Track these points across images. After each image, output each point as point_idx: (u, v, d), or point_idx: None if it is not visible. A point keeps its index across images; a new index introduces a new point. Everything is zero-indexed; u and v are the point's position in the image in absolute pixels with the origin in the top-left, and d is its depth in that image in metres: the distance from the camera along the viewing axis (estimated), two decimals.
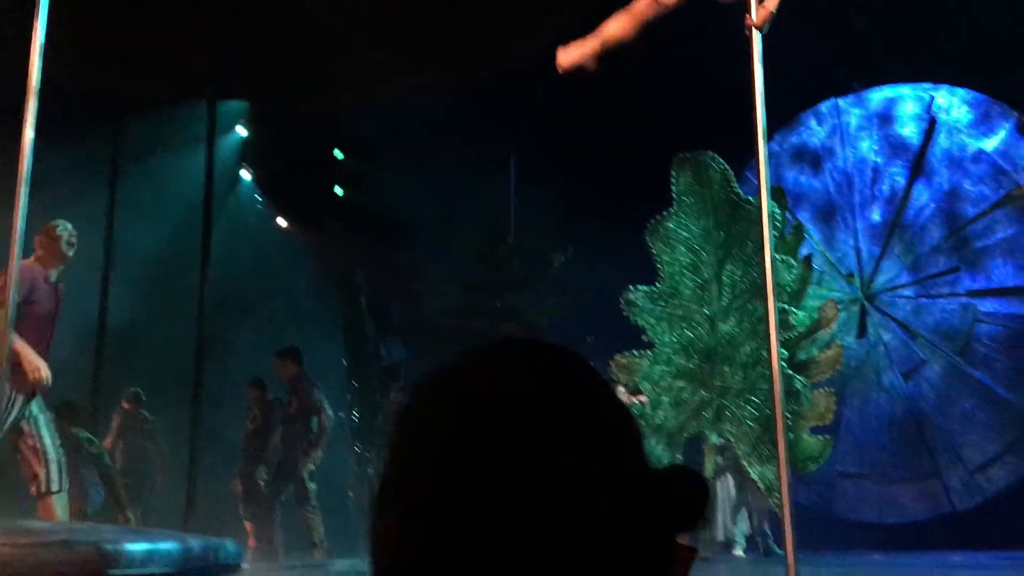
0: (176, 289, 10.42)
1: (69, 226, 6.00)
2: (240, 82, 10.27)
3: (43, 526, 4.73)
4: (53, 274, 5.96)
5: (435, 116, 10.35)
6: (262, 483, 9.00)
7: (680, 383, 7.72)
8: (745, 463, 7.62)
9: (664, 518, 0.73)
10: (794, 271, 8.25)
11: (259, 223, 12.80)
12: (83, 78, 8.91)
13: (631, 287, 7.93)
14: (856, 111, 10.85)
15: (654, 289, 7.93)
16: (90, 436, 8.57)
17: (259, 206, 12.97)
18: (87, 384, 9.75)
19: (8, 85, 5.19)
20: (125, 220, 9.91)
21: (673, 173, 8.00)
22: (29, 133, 4.41)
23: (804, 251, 8.48)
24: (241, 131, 12.43)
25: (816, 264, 10.49)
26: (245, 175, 12.76)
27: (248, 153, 12.55)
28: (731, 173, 7.88)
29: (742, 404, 7.60)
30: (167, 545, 4.49)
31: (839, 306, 10.25)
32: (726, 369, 7.65)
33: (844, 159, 10.80)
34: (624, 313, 7.91)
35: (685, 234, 7.89)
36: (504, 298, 11.66)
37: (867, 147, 10.72)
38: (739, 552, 8.69)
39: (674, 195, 7.99)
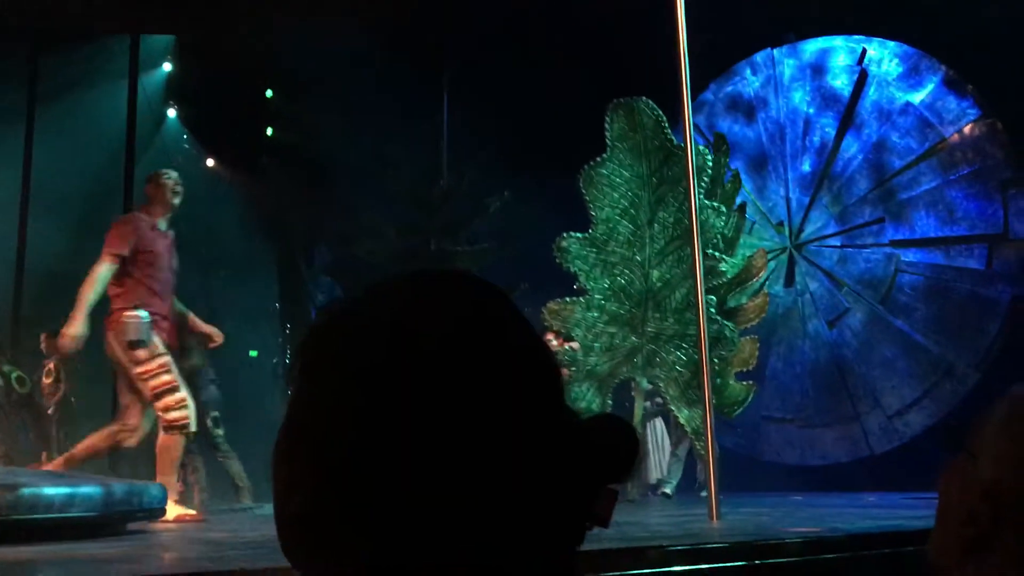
0: (98, 229, 10.10)
1: (174, 174, 5.91)
2: (167, 15, 9.89)
3: None
4: (162, 223, 5.80)
5: (368, 54, 10.13)
6: None
7: (612, 329, 7.78)
8: (673, 407, 7.76)
9: (590, 466, 0.71)
10: (730, 220, 8.34)
11: (186, 163, 12.45)
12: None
13: (564, 234, 7.92)
14: (790, 61, 10.93)
15: (587, 235, 7.93)
16: (20, 374, 8.33)
17: (186, 145, 12.61)
18: (7, 324, 9.44)
19: None
20: (44, 158, 9.55)
21: (607, 118, 7.97)
22: None
23: (739, 200, 8.58)
24: (167, 67, 12.01)
25: (748, 213, 10.64)
26: (171, 113, 12.37)
27: (175, 90, 12.15)
28: (664, 119, 7.89)
29: (672, 350, 7.70)
30: (88, 489, 4.41)
31: (768, 255, 10.46)
32: (657, 315, 7.73)
33: (777, 109, 10.90)
34: (556, 260, 7.91)
35: (618, 180, 7.88)
36: (439, 242, 11.60)
37: (800, 98, 10.83)
38: (668, 491, 8.88)
39: (608, 141, 7.97)
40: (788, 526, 4.50)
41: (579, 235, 7.92)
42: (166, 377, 5.58)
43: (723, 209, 7.89)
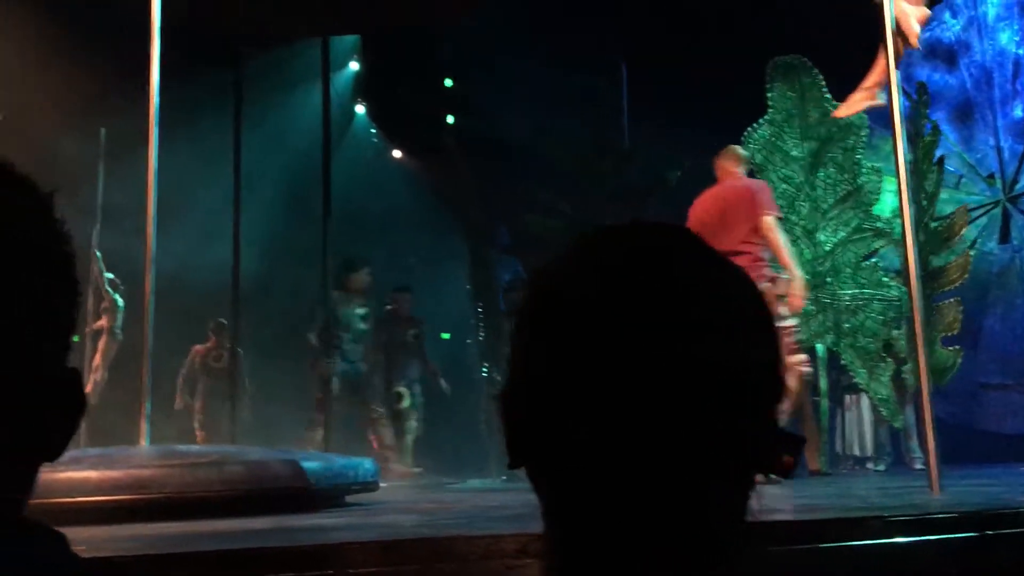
0: (301, 225, 10.72)
1: None
2: (351, 14, 10.33)
3: (196, 449, 5.01)
4: None
5: (542, 33, 10.20)
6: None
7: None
8: (856, 375, 7.48)
9: (757, 403, 0.69)
10: (928, 175, 7.89)
11: (375, 156, 12.98)
12: (203, 19, 9.12)
13: None
14: (995, 0, 10.10)
15: None
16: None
17: (374, 139, 13.14)
18: (229, 320, 10.16)
19: (135, 31, 5.39)
20: (250, 158, 10.22)
21: (767, 79, 7.76)
22: (155, 72, 4.55)
23: (939, 153, 8.07)
24: (354, 65, 12.55)
25: (953, 166, 9.96)
26: (359, 109, 12.92)
27: (361, 87, 12.69)
28: (821, 76, 7.59)
29: (849, 317, 7.43)
30: (311, 463, 4.70)
31: (979, 209, 9.75)
32: (830, 280, 7.47)
33: (982, 53, 10.11)
34: None
35: (779, 143, 7.67)
36: (613, 213, 11.53)
37: (1007, 38, 10.00)
38: (878, 467, 8.49)
39: (769, 102, 7.77)
40: (1020, 495, 4.19)
41: None
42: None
43: (879, 166, 7.51)
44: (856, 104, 5.33)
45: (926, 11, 5.19)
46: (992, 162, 9.84)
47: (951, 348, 7.56)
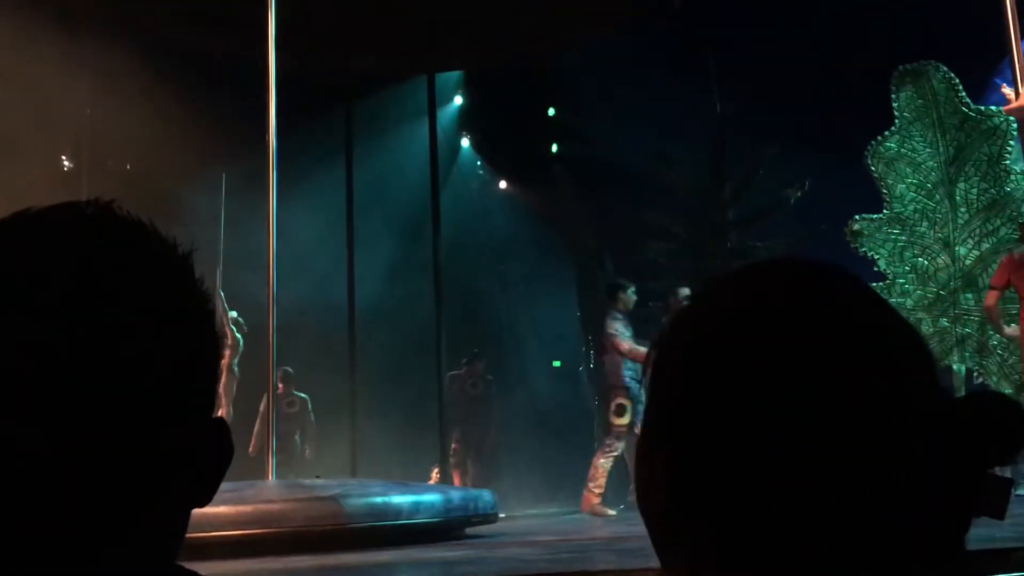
0: (413, 260, 10.92)
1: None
2: (455, 51, 10.55)
3: (318, 483, 5.12)
4: None
5: (638, 58, 10.16)
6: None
7: (919, 315, 7.25)
8: (1001, 391, 7.08)
9: (977, 447, 0.64)
10: None
11: (482, 187, 13.15)
12: (314, 65, 9.47)
13: (856, 216, 7.50)
14: None
15: (881, 216, 7.47)
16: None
17: (480, 171, 13.31)
18: (346, 357, 10.37)
19: (251, 79, 5.64)
20: (362, 195, 10.49)
21: (893, 88, 7.46)
22: (272, 118, 4.73)
23: None
24: (458, 100, 12.78)
25: None
26: (465, 143, 13.13)
27: (466, 120, 12.89)
28: (958, 81, 7.23)
29: (987, 331, 7.06)
30: (431, 497, 4.74)
31: None
32: (969, 296, 7.12)
33: None
34: (851, 244, 7.50)
35: (910, 153, 7.35)
36: (736, 237, 11.35)
37: None
38: (1018, 491, 8.03)
39: (895, 112, 7.45)
40: None
41: (871, 216, 7.47)
42: None
43: None
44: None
45: None
46: None
47: None
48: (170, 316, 0.63)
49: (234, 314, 8.82)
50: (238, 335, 8.84)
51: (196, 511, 0.68)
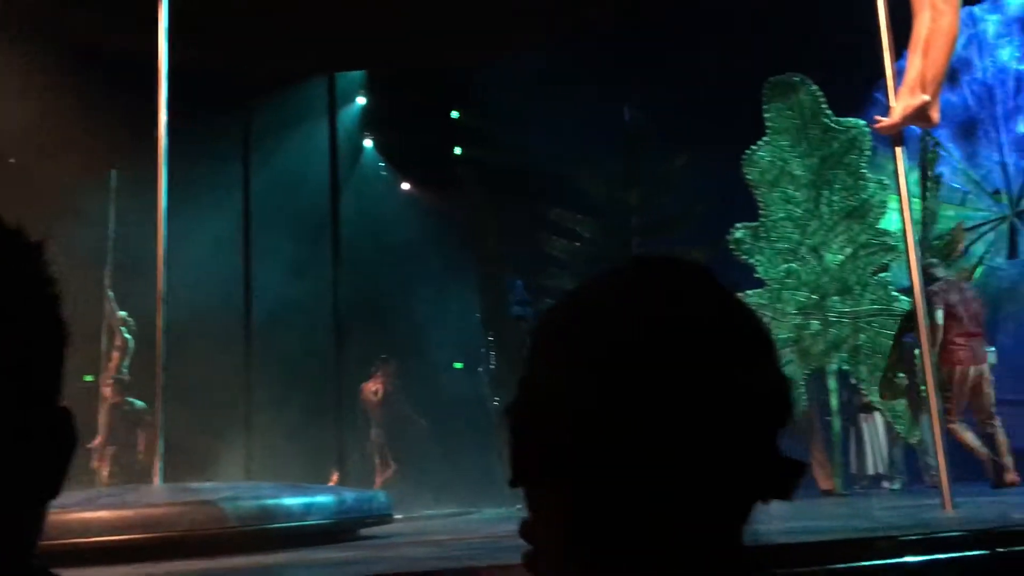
0: (312, 260, 10.80)
1: None
2: (357, 51, 10.46)
3: (206, 486, 5.04)
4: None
5: (545, 64, 10.27)
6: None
7: (795, 319, 7.55)
8: (867, 392, 7.42)
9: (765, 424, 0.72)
10: (931, 191, 7.89)
11: (384, 189, 13.08)
12: (211, 61, 9.26)
13: (736, 225, 7.74)
14: (993, 18, 10.15)
15: (757, 224, 7.72)
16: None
17: (383, 172, 13.24)
18: (240, 360, 10.18)
19: (145, 74, 5.50)
20: (260, 199, 10.32)
21: (764, 100, 7.70)
22: (163, 114, 4.64)
23: (942, 169, 8.08)
24: (361, 100, 12.68)
25: (959, 183, 9.96)
26: (368, 143, 13.04)
27: (369, 121, 12.81)
28: (821, 94, 7.56)
29: (857, 333, 7.39)
30: (324, 498, 4.72)
31: (986, 226, 9.73)
32: (837, 299, 7.44)
33: (983, 70, 10.14)
34: (734, 251, 7.74)
35: (780, 163, 7.63)
36: (639, 244, 11.54)
37: (1008, 55, 10.04)
38: (893, 486, 8.43)
39: (767, 123, 7.71)
40: None
41: (751, 224, 7.71)
42: None
43: (886, 181, 7.50)
44: (907, 107, 5.28)
45: (924, 97, 5.25)
46: (997, 178, 9.84)
47: None
48: (5, 300, 0.63)
49: (123, 314, 8.59)
50: (128, 336, 8.60)
51: (77, 516, 0.68)
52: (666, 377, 0.68)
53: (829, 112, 7.50)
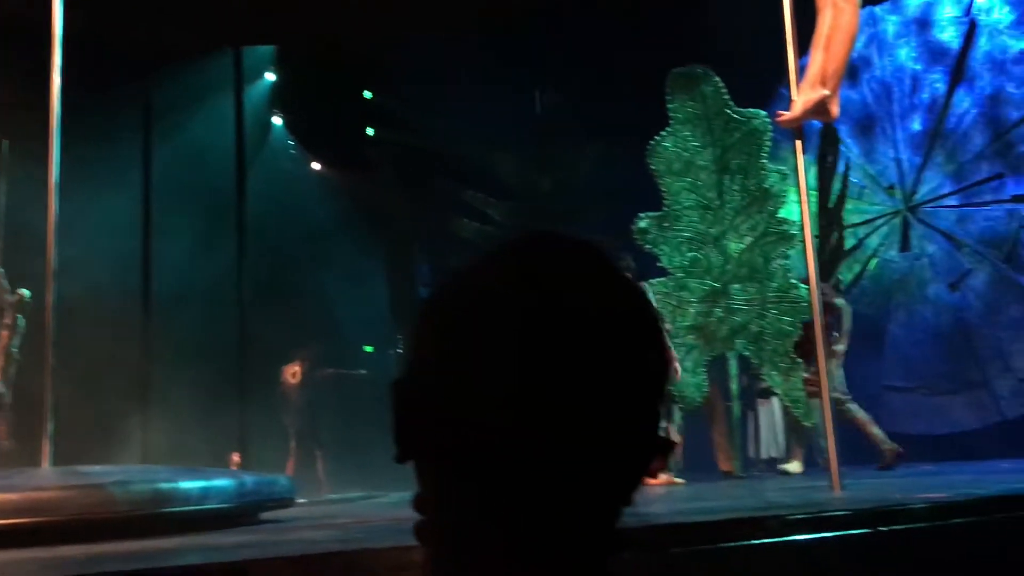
0: (216, 239, 10.55)
1: None
2: (266, 26, 10.22)
3: (96, 469, 4.89)
4: None
5: (462, 48, 10.21)
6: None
7: (697, 306, 7.71)
8: (767, 378, 7.63)
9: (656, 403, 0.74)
10: (832, 184, 8.13)
11: (294, 168, 12.85)
12: (111, 31, 8.92)
13: (640, 215, 7.84)
14: (894, 18, 10.53)
15: (661, 213, 7.84)
16: None
17: (292, 151, 13.00)
18: (137, 343, 9.91)
19: (38, 40, 5.26)
20: (162, 176, 10.01)
21: (668, 91, 7.81)
22: (56, 81, 4.45)
23: (843, 164, 8.34)
24: (270, 76, 12.40)
25: (856, 178, 10.31)
26: (277, 121, 12.77)
27: (278, 98, 12.53)
28: (723, 86, 7.71)
29: (757, 320, 7.58)
30: (222, 482, 4.63)
31: (881, 219, 10.10)
32: (738, 287, 7.62)
33: (882, 68, 10.51)
34: (638, 241, 7.84)
35: (684, 152, 7.76)
36: (548, 227, 11.57)
37: (905, 55, 10.42)
38: (788, 469, 8.71)
39: (670, 113, 7.83)
40: (915, 493, 4.36)
41: (655, 214, 7.82)
42: None
43: (786, 171, 7.70)
44: (807, 101, 5.40)
45: (824, 92, 5.39)
46: (892, 174, 10.23)
47: None
48: None
49: (25, 292, 8.24)
50: (18, 315, 8.26)
51: None
52: (545, 354, 0.69)
53: (731, 104, 7.64)
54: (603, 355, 0.70)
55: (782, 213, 7.51)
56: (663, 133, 7.76)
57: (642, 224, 7.77)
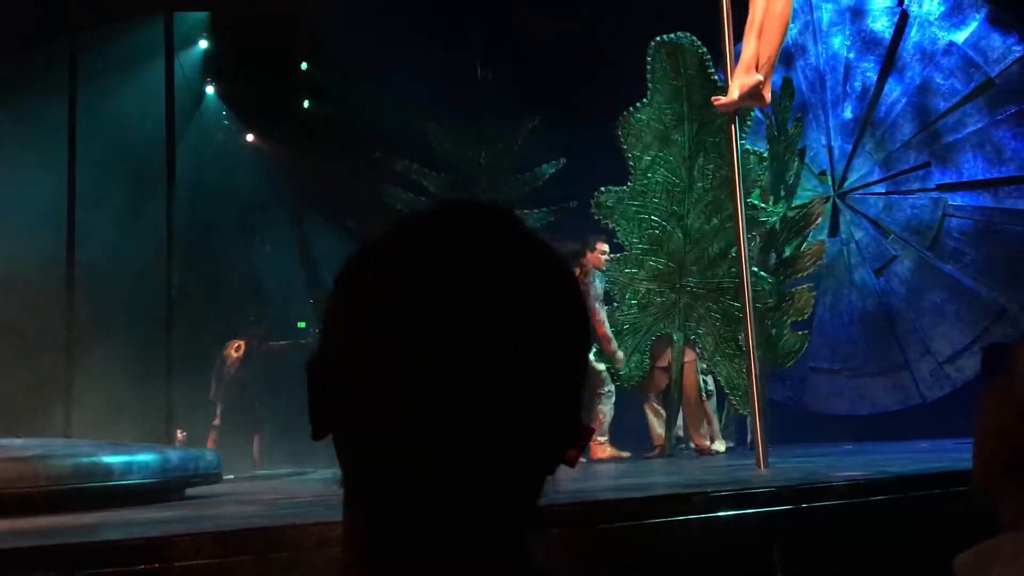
0: (144, 210, 10.28)
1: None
2: None
3: (15, 443, 4.76)
4: None
5: (402, 18, 10.09)
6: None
7: (650, 285, 7.68)
8: (709, 361, 7.68)
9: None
10: (791, 165, 8.15)
11: (227, 138, 12.58)
12: None
13: (602, 188, 7.78)
14: (828, 7, 10.69)
15: (626, 188, 7.75)
16: None
17: (225, 121, 12.72)
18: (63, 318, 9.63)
19: None
20: (88, 143, 9.68)
21: (648, 59, 7.58)
22: None
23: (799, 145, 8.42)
24: (203, 44, 12.09)
25: None
26: (210, 90, 12.47)
27: (212, 66, 12.23)
28: (709, 57, 7.52)
29: (708, 303, 7.58)
30: (145, 456, 4.54)
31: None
32: (694, 268, 7.60)
33: (816, 56, 10.68)
34: (596, 216, 7.80)
35: (659, 126, 7.57)
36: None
37: (839, 43, 10.59)
38: (718, 448, 8.87)
39: (649, 83, 7.60)
40: (836, 471, 4.48)
41: (616, 188, 7.73)
42: None
43: (764, 153, 7.70)
44: (742, 86, 5.42)
45: (758, 77, 5.45)
46: (823, 160, 10.41)
47: (799, 332, 7.88)
48: None
49: None
50: None
51: None
52: (459, 330, 0.67)
53: (716, 75, 7.35)
54: (512, 329, 0.68)
55: (754, 196, 7.43)
56: (638, 104, 7.54)
57: (603, 198, 7.64)
